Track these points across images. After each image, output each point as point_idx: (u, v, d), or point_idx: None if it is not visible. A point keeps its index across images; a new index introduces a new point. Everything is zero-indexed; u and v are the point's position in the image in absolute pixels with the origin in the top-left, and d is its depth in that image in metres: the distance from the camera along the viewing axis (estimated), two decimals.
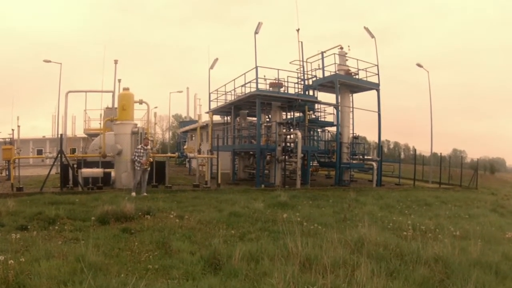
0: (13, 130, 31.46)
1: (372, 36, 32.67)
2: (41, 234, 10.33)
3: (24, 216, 12.71)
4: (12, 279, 6.58)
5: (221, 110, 36.17)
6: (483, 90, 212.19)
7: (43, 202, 15.81)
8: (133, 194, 19.34)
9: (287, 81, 29.65)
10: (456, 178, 38.76)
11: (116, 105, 30.16)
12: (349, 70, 32.07)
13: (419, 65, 41.49)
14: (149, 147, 20.32)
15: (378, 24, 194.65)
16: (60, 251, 8.32)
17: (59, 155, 22.31)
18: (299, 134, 26.58)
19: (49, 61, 43.14)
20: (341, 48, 32.13)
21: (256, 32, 26.74)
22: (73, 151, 38.09)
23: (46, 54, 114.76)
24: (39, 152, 61.27)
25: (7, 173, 30.33)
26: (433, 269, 7.73)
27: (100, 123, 37.05)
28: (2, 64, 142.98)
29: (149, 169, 20.85)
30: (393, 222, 12.88)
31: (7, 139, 35.60)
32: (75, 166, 24.08)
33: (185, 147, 46.02)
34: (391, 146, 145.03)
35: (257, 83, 27.54)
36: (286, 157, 27.94)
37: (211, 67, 36.19)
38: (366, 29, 32.89)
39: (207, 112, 35.96)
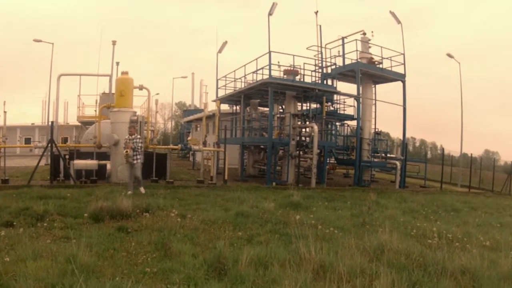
0: None
1: (399, 22, 32.46)
2: (28, 231, 10.32)
3: (9, 211, 12.71)
4: None
5: (230, 99, 36.18)
6: None
7: (30, 196, 15.82)
8: (130, 192, 18.53)
9: (303, 69, 29.69)
10: (488, 182, 38.47)
11: (113, 91, 30.31)
12: (372, 58, 31.96)
13: (449, 55, 41.26)
14: (133, 136, 19.49)
15: (404, 9, 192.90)
16: (49, 250, 8.34)
17: (49, 145, 22.32)
18: (315, 127, 26.50)
19: (40, 41, 43.12)
20: (364, 33, 31.97)
21: (270, 14, 26.66)
22: (65, 140, 38.35)
23: (37, 33, 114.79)
24: (27, 141, 61.43)
25: None
26: (460, 282, 7.68)
27: (96, 110, 37.04)
28: None
29: (135, 162, 19.44)
30: (416, 228, 12.77)
31: None
32: (66, 157, 24.10)
33: (189, 138, 46.10)
34: (417, 144, 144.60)
35: (270, 69, 27.49)
36: (301, 152, 27.66)
37: (219, 51, 36.07)
38: (392, 13, 32.66)
39: (214, 101, 35.89)
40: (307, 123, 28.33)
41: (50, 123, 25.98)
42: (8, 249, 8.63)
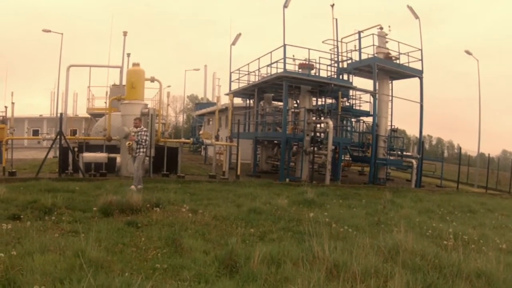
0: (6, 107, 31.54)
1: (417, 17, 32.28)
2: (35, 225, 10.35)
3: (16, 204, 12.79)
4: (2, 274, 6.56)
5: (243, 92, 36.30)
6: None
7: (38, 189, 15.88)
8: (140, 186, 18.33)
9: (319, 63, 29.66)
10: (505, 183, 38.01)
11: (124, 83, 30.31)
12: (389, 53, 31.77)
13: (468, 52, 40.97)
14: (138, 129, 19.23)
15: (422, 3, 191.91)
16: (57, 244, 8.33)
17: (58, 137, 22.38)
18: (330, 123, 26.44)
19: (49, 31, 43.24)
20: (381, 28, 31.79)
21: (285, 6, 26.68)
22: (74, 132, 38.36)
23: (46, 23, 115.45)
24: (35, 132, 61.62)
25: None
26: (475, 285, 7.65)
27: (106, 102, 37.18)
28: None
29: (137, 155, 19.02)
30: (432, 229, 12.76)
31: None
32: (75, 149, 24.06)
33: (200, 132, 46.08)
34: (433, 143, 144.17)
35: (284, 63, 27.57)
36: (315, 148, 27.74)
37: (233, 43, 36.17)
38: (410, 8, 32.44)
39: (227, 94, 35.93)
40: (322, 118, 28.16)
41: (59, 115, 26.09)
42: (15, 243, 8.64)
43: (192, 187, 19.56)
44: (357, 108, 34.42)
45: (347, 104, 33.44)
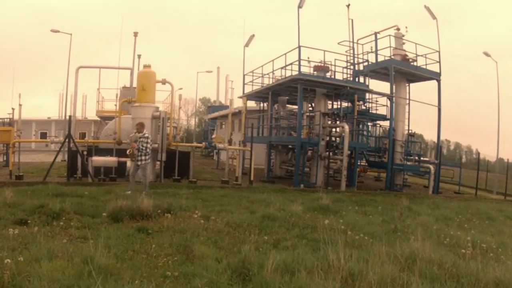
0: (13, 109, 31.63)
1: (434, 17, 32.18)
2: (43, 230, 10.40)
3: (23, 208, 12.88)
4: (8, 280, 6.61)
5: (257, 95, 36.31)
6: None
7: (46, 194, 16.00)
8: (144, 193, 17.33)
9: (334, 65, 29.53)
10: None
11: (134, 85, 30.36)
12: (406, 55, 31.70)
13: (486, 54, 40.81)
14: (140, 134, 18.95)
15: (439, 3, 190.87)
16: (65, 250, 8.38)
17: (67, 140, 22.51)
18: (346, 127, 26.34)
19: (57, 31, 43.43)
20: (398, 29, 31.75)
21: (300, 6, 26.70)
22: (83, 135, 38.56)
23: (54, 23, 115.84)
24: (43, 135, 62.12)
25: (5, 159, 30.62)
26: None
27: (116, 105, 37.20)
28: (2, 32, 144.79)
29: (140, 163, 18.80)
30: (450, 237, 12.69)
31: (6, 119, 35.87)
32: (84, 153, 24.37)
33: (213, 136, 46.15)
34: (451, 147, 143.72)
35: (299, 65, 27.56)
36: (330, 153, 27.64)
37: (247, 45, 36.16)
38: (427, 8, 32.33)
39: (240, 97, 36.11)
40: (338, 122, 28.25)
41: (68, 117, 26.18)
42: (22, 248, 8.72)
43: (204, 193, 19.63)
44: (374, 111, 34.28)
45: (363, 107, 33.27)
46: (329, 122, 28.38)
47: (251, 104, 39.17)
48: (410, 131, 32.89)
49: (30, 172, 25.28)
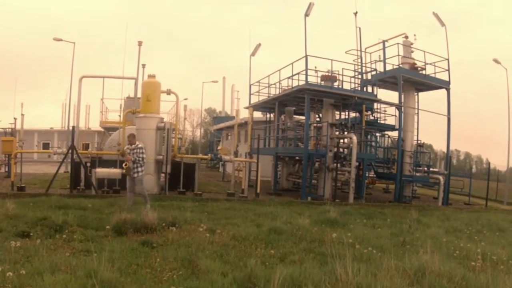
0: (15, 119, 31.90)
1: (443, 24, 32.13)
2: (45, 243, 10.50)
3: (25, 221, 12.95)
4: None
5: (263, 106, 36.31)
6: None
7: (48, 206, 16.13)
8: (149, 206, 17.08)
9: (342, 74, 29.37)
10: None
11: (139, 95, 30.44)
12: (415, 63, 31.68)
13: (496, 61, 40.69)
14: (133, 146, 18.39)
15: (448, 10, 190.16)
16: (68, 264, 8.48)
17: (70, 151, 22.59)
18: (354, 138, 26.39)
19: (60, 40, 43.55)
20: (406, 37, 31.74)
21: (306, 15, 26.72)
22: (86, 146, 38.55)
23: (57, 31, 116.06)
24: (46, 146, 62.41)
25: (6, 169, 30.86)
26: None
27: (120, 115, 37.36)
28: (4, 40, 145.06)
29: (135, 176, 18.15)
30: (460, 249, 12.74)
31: (8, 129, 36.11)
32: (88, 164, 24.35)
33: (219, 147, 46.17)
34: (461, 157, 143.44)
35: (306, 75, 27.51)
36: (338, 165, 27.57)
37: (253, 54, 36.18)
38: (436, 15, 32.27)
39: (246, 108, 36.00)
40: (346, 133, 28.22)
41: (71, 128, 26.30)
42: (23, 261, 8.81)
43: (209, 206, 19.73)
44: (382, 122, 34.22)
45: (371, 117, 33.19)
46: (337, 133, 28.31)
47: (258, 114, 39.27)
48: (419, 141, 32.87)
49: (33, 183, 25.38)
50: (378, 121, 33.92)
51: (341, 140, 28.09)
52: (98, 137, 57.32)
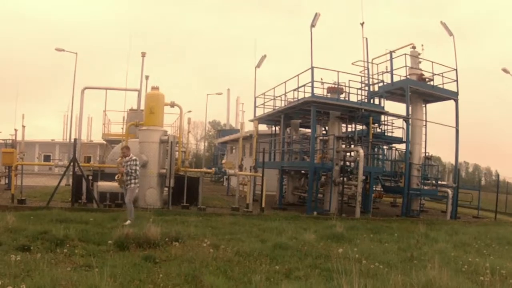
0: (16, 130, 32.00)
1: (451, 34, 32.20)
2: (46, 257, 10.53)
3: (26, 234, 13.01)
4: None
5: (269, 119, 36.29)
6: None
7: (49, 219, 16.21)
8: (129, 221, 17.31)
9: (349, 86, 29.47)
10: None
11: (142, 107, 30.59)
12: (423, 74, 31.61)
13: (505, 70, 40.60)
14: (127, 158, 18.60)
15: (454, 20, 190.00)
16: (69, 279, 8.51)
17: (71, 164, 22.65)
18: (361, 151, 26.35)
19: (62, 50, 43.64)
20: (413, 47, 31.72)
21: (312, 25, 26.78)
22: (88, 159, 38.63)
23: (59, 42, 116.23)
24: (47, 158, 62.58)
25: (6, 182, 30.75)
26: None
27: (122, 128, 37.36)
28: (5, 51, 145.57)
29: (130, 187, 18.41)
30: (468, 263, 12.73)
31: (8, 141, 36.12)
32: (90, 177, 24.35)
33: (223, 161, 46.26)
34: (470, 170, 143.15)
35: (312, 87, 27.55)
36: (345, 179, 27.45)
37: (258, 66, 36.02)
38: (444, 24, 32.38)
39: (251, 120, 36.08)
40: (352, 146, 28.25)
41: (73, 140, 26.35)
42: (24, 276, 8.85)
43: (213, 220, 19.71)
44: (389, 134, 34.21)
45: (378, 130, 33.19)
46: (343, 146, 28.34)
47: (263, 127, 39.26)
48: (427, 154, 32.88)
49: (33, 196, 25.43)
50: (385, 134, 33.90)
51: (348, 154, 28.09)
52: (100, 150, 57.58)
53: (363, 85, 30.84)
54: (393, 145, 35.77)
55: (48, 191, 24.88)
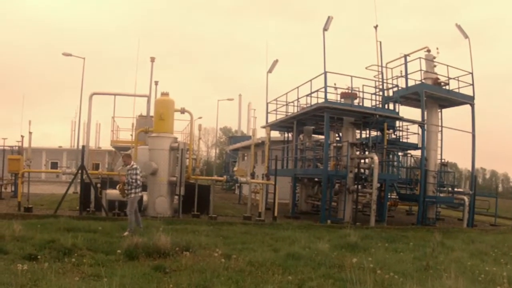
0: (22, 136, 32.05)
1: (466, 37, 32.05)
2: (53, 266, 10.55)
3: (33, 243, 13.14)
4: None
5: (281, 125, 36.27)
6: None
7: (57, 228, 16.35)
8: (127, 232, 16.99)
9: (363, 91, 29.45)
10: None
11: (151, 113, 30.64)
12: (438, 78, 31.45)
13: None
14: (128, 167, 18.43)
15: (469, 23, 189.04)
16: None
17: (79, 171, 22.78)
18: (375, 158, 26.22)
19: (70, 55, 43.97)
20: (428, 51, 31.61)
21: (325, 29, 26.73)
22: (96, 166, 38.69)
23: (66, 46, 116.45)
24: (54, 165, 62.84)
25: (13, 189, 31.04)
26: None
27: (132, 135, 37.50)
28: (12, 56, 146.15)
29: (130, 197, 18.13)
30: (485, 273, 12.67)
31: (14, 148, 36.20)
32: (98, 185, 24.46)
33: (235, 169, 46.23)
34: (487, 176, 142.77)
35: (325, 92, 27.46)
36: (359, 186, 27.36)
37: (270, 71, 36.13)
38: (459, 27, 32.18)
39: (263, 127, 36.13)
40: (367, 153, 28.18)
41: (81, 147, 26.47)
42: (31, 285, 8.96)
43: (225, 230, 19.79)
44: (404, 140, 34.21)
45: (393, 136, 33.19)
46: (358, 153, 28.26)
47: (275, 134, 39.29)
48: (443, 160, 32.79)
49: (40, 204, 25.58)
50: (400, 140, 33.87)
51: (362, 161, 27.97)
52: (109, 157, 57.74)
53: (377, 90, 30.69)
54: (408, 151, 35.46)
55: (56, 199, 25.01)
